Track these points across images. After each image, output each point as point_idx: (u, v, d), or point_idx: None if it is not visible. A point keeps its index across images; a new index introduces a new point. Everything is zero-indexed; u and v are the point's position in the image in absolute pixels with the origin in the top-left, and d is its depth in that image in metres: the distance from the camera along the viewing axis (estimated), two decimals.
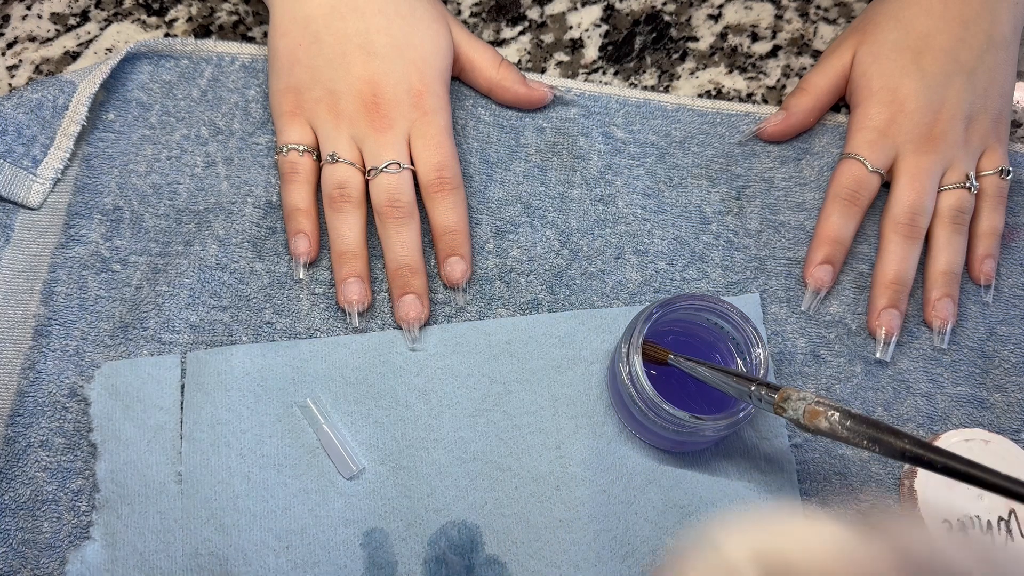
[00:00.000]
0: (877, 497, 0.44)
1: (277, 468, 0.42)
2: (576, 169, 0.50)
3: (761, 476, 0.44)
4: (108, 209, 0.47)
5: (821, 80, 0.50)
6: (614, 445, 0.44)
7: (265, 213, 0.47)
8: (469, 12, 0.54)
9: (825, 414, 0.34)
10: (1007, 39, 0.48)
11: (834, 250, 0.47)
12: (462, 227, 0.46)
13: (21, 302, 0.45)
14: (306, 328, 0.45)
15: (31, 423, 0.43)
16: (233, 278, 0.46)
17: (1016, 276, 0.49)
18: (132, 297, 0.45)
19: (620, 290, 0.47)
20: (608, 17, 0.55)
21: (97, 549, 0.41)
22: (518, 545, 0.42)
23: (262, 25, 0.54)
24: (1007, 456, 0.43)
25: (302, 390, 0.44)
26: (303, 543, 0.41)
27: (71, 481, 0.42)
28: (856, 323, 0.47)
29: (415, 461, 0.43)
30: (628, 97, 0.51)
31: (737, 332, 0.42)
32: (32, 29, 0.52)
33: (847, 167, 0.48)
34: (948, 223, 0.47)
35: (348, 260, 0.45)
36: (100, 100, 0.49)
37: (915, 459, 0.31)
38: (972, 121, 0.48)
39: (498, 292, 0.47)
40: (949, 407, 0.46)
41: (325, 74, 0.45)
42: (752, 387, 0.37)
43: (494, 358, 0.45)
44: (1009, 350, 0.47)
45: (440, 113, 0.46)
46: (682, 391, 0.42)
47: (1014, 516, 0.42)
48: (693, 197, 0.49)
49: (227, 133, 0.49)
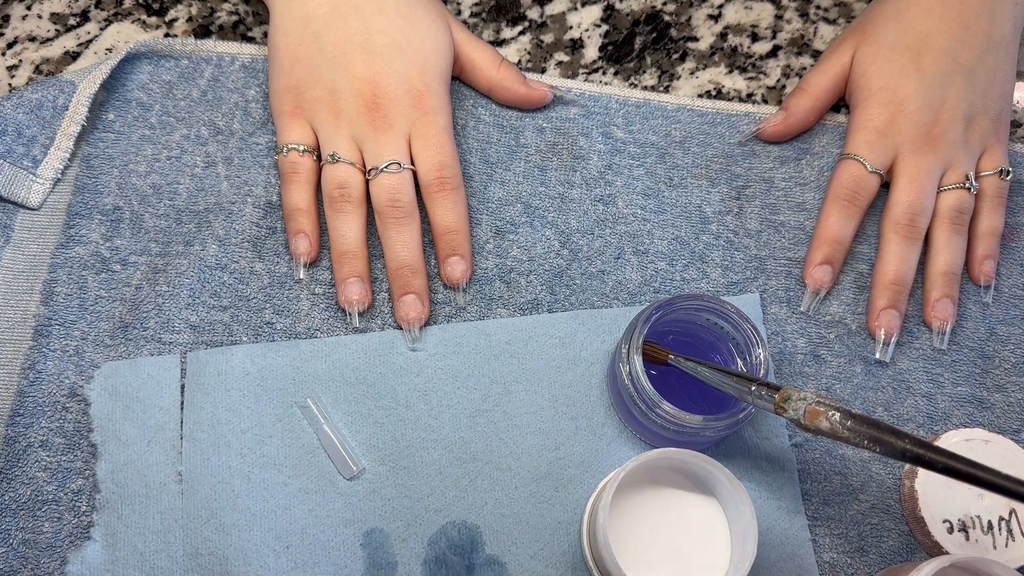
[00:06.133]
0: (877, 497, 0.44)
1: (277, 468, 0.42)
2: (576, 169, 0.50)
3: (762, 476, 0.44)
4: (108, 209, 0.47)
5: (821, 80, 0.50)
6: (614, 446, 0.44)
7: (265, 213, 0.47)
8: (469, 12, 0.54)
9: (826, 414, 0.34)
10: (1007, 39, 0.48)
11: (833, 250, 0.47)
12: (462, 227, 0.46)
13: (21, 302, 0.45)
14: (306, 328, 0.45)
15: (31, 423, 0.43)
16: (233, 278, 0.46)
17: (1016, 276, 0.49)
18: (132, 297, 0.45)
19: (620, 290, 0.47)
20: (608, 17, 0.55)
21: (97, 549, 0.41)
22: (518, 545, 0.42)
23: (262, 25, 0.54)
24: (1007, 456, 0.43)
25: (302, 390, 0.44)
26: (303, 543, 0.41)
27: (71, 481, 0.42)
28: (856, 323, 0.47)
29: (415, 461, 0.43)
30: (628, 97, 0.51)
31: (737, 332, 0.42)
32: (32, 29, 0.52)
33: (847, 167, 0.48)
34: (948, 223, 0.47)
35: (348, 260, 0.45)
36: (100, 100, 0.49)
37: (916, 459, 0.31)
38: (972, 121, 0.48)
39: (498, 292, 0.47)
40: (949, 407, 0.46)
41: (325, 74, 0.45)
42: (752, 387, 0.37)
43: (494, 358, 0.45)
44: (1009, 350, 0.47)
45: (440, 113, 0.46)
46: (682, 391, 0.42)
47: (1015, 516, 0.42)
48: (693, 197, 0.49)
49: (227, 133, 0.49)
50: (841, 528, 0.43)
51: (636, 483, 0.40)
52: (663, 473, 0.41)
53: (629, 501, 0.40)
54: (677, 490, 0.41)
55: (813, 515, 0.43)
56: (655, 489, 0.40)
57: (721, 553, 0.39)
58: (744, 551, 0.37)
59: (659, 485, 0.41)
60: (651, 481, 0.41)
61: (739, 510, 0.38)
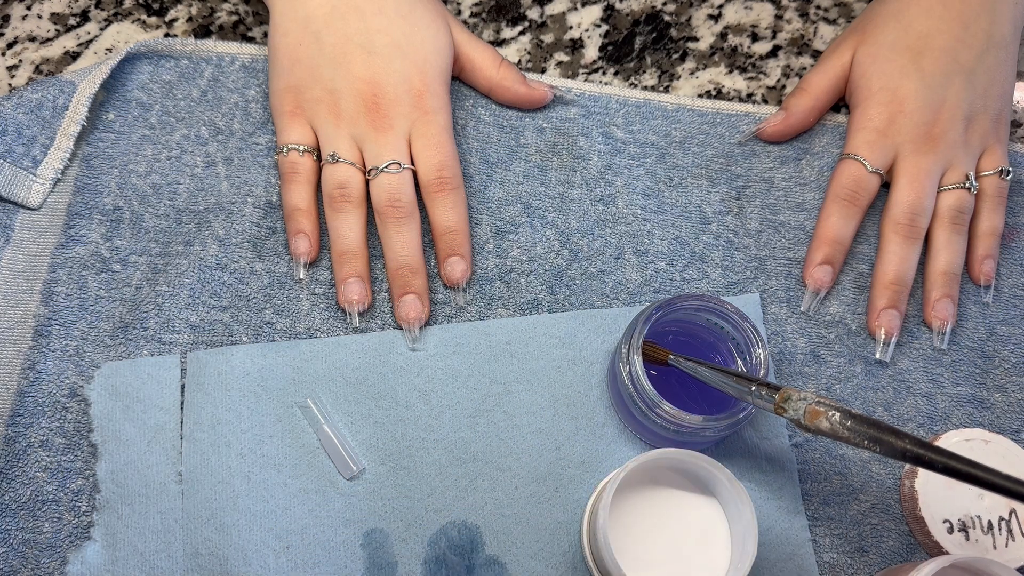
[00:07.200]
0: (877, 497, 0.44)
1: (277, 468, 0.42)
2: (576, 169, 0.50)
3: (762, 476, 0.44)
4: (108, 209, 0.47)
5: (821, 80, 0.50)
6: (614, 446, 0.44)
7: (265, 213, 0.47)
8: (469, 12, 0.54)
9: (826, 414, 0.34)
10: (1007, 39, 0.48)
11: (834, 250, 0.47)
12: (462, 227, 0.46)
13: (21, 302, 0.45)
14: (306, 328, 0.45)
15: (31, 423, 0.43)
16: (233, 278, 0.46)
17: (1016, 276, 0.49)
18: (132, 297, 0.45)
19: (620, 290, 0.47)
20: (608, 17, 0.55)
21: (97, 549, 0.41)
22: (518, 545, 0.42)
23: (262, 25, 0.54)
24: (1007, 456, 0.43)
25: (302, 390, 0.44)
26: (303, 543, 0.41)
27: (71, 481, 0.42)
28: (856, 323, 0.47)
29: (415, 461, 0.43)
30: (628, 97, 0.51)
31: (737, 332, 0.42)
32: (32, 29, 0.52)
33: (847, 167, 0.48)
34: (948, 223, 0.47)
35: (348, 260, 0.45)
36: (100, 100, 0.49)
37: (916, 459, 0.31)
38: (972, 121, 0.48)
39: (498, 292, 0.47)
40: (949, 407, 0.46)
41: (325, 74, 0.45)
42: (752, 387, 0.37)
43: (494, 358, 0.45)
44: (1009, 350, 0.47)
45: (441, 113, 0.46)
46: (682, 391, 0.42)
47: (1015, 516, 0.42)
48: (693, 197, 0.49)
49: (227, 133, 0.49)
50: (841, 528, 0.43)
51: (636, 483, 0.40)
52: (663, 473, 0.41)
53: (629, 501, 0.40)
54: (677, 490, 0.41)
55: (813, 515, 0.43)
56: (655, 489, 0.40)
57: (721, 553, 0.39)
58: (744, 551, 0.37)
59: (659, 485, 0.41)
60: (651, 481, 0.41)
61: (739, 510, 0.38)
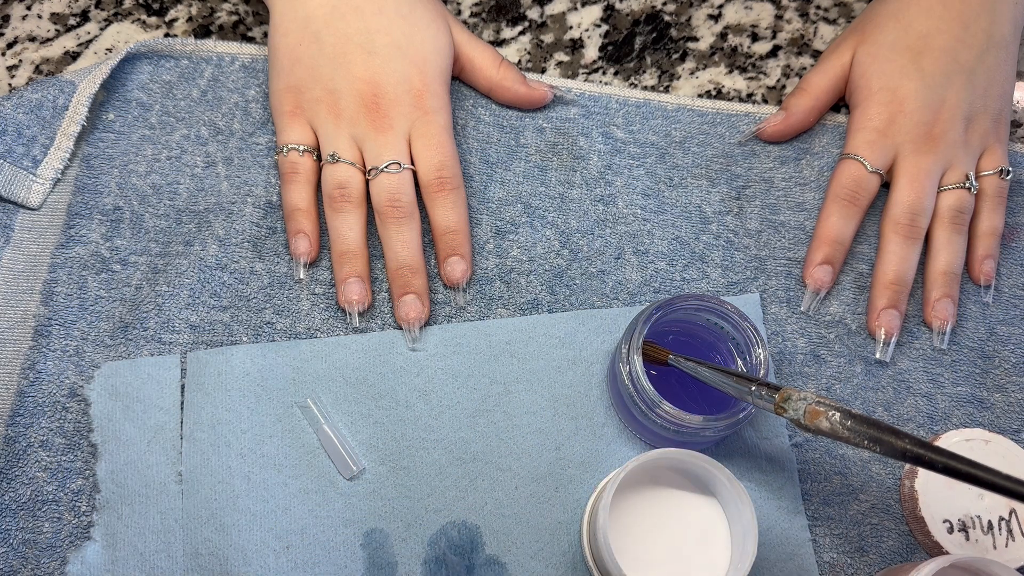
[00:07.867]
0: (877, 497, 0.44)
1: (277, 468, 0.42)
2: (576, 169, 0.50)
3: (762, 476, 0.44)
4: (108, 209, 0.47)
5: (821, 80, 0.50)
6: (614, 446, 0.44)
7: (265, 213, 0.47)
8: (469, 12, 0.54)
9: (826, 414, 0.34)
10: (1007, 39, 0.48)
11: (834, 250, 0.47)
12: (462, 227, 0.46)
13: (21, 302, 0.45)
14: (306, 328, 0.45)
15: (31, 423, 0.43)
16: (233, 278, 0.46)
17: (1016, 276, 0.49)
18: (132, 297, 0.45)
19: (620, 290, 0.47)
20: (608, 17, 0.55)
21: (97, 549, 0.41)
22: (518, 545, 0.42)
23: (262, 25, 0.54)
24: (1007, 456, 0.43)
25: (302, 390, 0.44)
26: (303, 543, 0.41)
27: (71, 481, 0.42)
28: (856, 323, 0.47)
29: (415, 461, 0.43)
30: (628, 97, 0.51)
31: (737, 332, 0.42)
32: (32, 29, 0.52)
33: (847, 167, 0.48)
34: (948, 223, 0.47)
35: (348, 260, 0.45)
36: (100, 100, 0.49)
37: (916, 459, 0.31)
38: (972, 121, 0.48)
39: (498, 292, 0.47)
40: (949, 407, 0.46)
41: (325, 73, 0.45)
42: (752, 387, 0.37)
43: (494, 358, 0.45)
44: (1009, 350, 0.47)
45: (441, 113, 0.46)
46: (682, 391, 0.42)
47: (1015, 516, 0.42)
48: (693, 197, 0.49)
49: (227, 133, 0.49)
50: (841, 528, 0.43)
51: (636, 483, 0.40)
52: (663, 473, 0.41)
53: (629, 501, 0.40)
54: (677, 490, 0.41)
55: (813, 515, 0.43)
56: (655, 489, 0.40)
57: (721, 553, 0.39)
58: (744, 551, 0.37)
59: (659, 485, 0.41)
60: (651, 481, 0.41)
61: (739, 510, 0.38)
